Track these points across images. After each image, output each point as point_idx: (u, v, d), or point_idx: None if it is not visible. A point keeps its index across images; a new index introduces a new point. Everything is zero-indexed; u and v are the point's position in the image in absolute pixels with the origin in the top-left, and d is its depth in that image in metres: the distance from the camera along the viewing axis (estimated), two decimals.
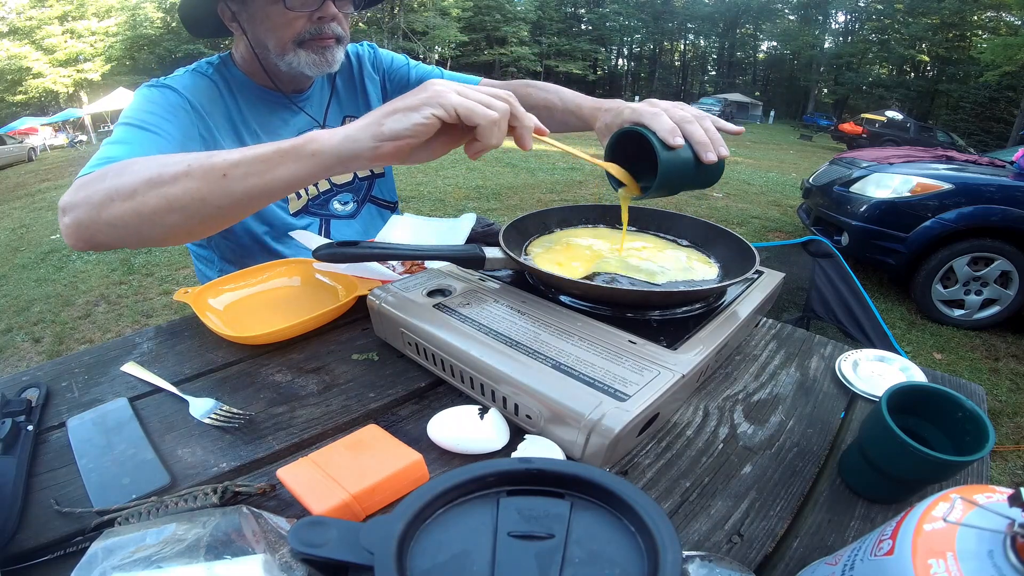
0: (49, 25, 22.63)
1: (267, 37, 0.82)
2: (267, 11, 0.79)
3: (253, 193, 0.55)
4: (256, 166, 0.54)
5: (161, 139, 0.72)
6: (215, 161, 0.55)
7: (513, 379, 0.47)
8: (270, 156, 0.54)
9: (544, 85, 0.95)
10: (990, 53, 18.05)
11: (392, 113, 0.51)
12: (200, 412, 0.52)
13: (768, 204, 5.94)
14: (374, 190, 1.08)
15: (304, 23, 0.80)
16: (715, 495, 0.45)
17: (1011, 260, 2.91)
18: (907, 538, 0.26)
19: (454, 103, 0.49)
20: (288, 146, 0.53)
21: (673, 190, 0.64)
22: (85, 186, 0.59)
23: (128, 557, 0.30)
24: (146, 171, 0.56)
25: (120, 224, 0.57)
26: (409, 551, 0.26)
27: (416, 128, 0.49)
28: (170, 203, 0.55)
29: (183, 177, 0.55)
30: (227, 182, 0.54)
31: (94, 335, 2.79)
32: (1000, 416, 2.25)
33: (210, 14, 0.84)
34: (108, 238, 0.59)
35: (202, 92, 0.84)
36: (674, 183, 0.62)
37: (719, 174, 0.65)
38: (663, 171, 0.59)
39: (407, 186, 5.92)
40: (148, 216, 0.56)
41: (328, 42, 0.83)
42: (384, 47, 1.09)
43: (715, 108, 24.63)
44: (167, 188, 0.55)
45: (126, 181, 0.56)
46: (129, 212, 0.56)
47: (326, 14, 0.81)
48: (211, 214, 0.56)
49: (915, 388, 0.45)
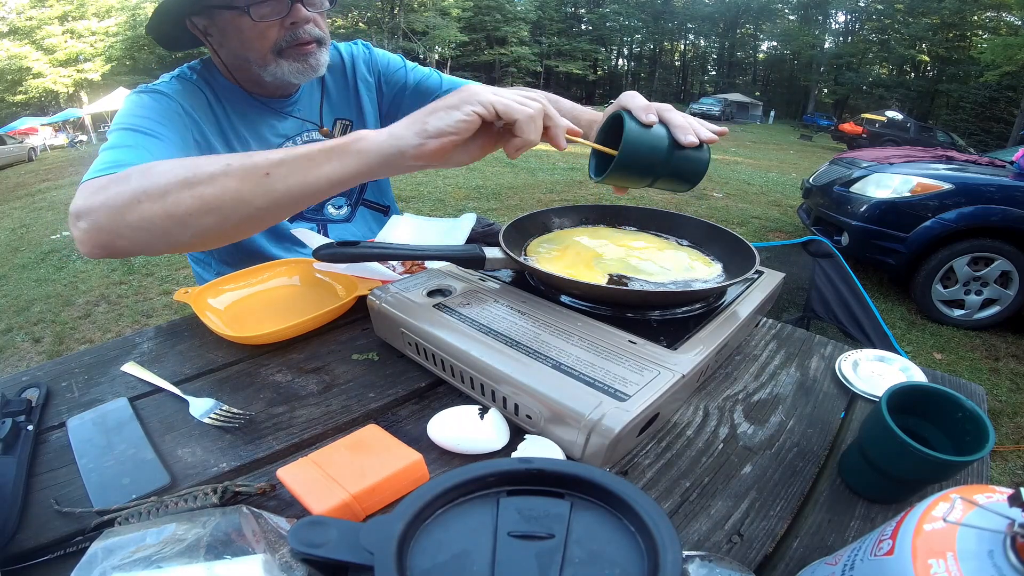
0: (49, 25, 22.62)
1: (244, 50, 0.79)
2: (236, 24, 0.76)
3: (295, 193, 0.54)
4: (300, 163, 0.53)
5: (163, 143, 0.70)
6: (256, 160, 0.54)
7: (513, 379, 0.47)
8: (315, 155, 0.53)
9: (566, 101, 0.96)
10: (990, 53, 18.05)
11: (434, 112, 0.52)
12: (200, 412, 0.52)
13: (768, 204, 5.94)
14: (366, 193, 1.06)
15: (278, 31, 0.77)
16: (715, 495, 0.45)
17: (1011, 260, 2.91)
18: (907, 538, 0.26)
19: (492, 101, 0.51)
20: (333, 144, 0.53)
21: (644, 172, 0.60)
22: (103, 189, 0.56)
23: (128, 557, 0.30)
24: (180, 170, 0.54)
25: (148, 227, 0.54)
26: (409, 551, 0.26)
27: (459, 124, 0.51)
28: (206, 203, 0.53)
29: (221, 176, 0.53)
30: (270, 181, 0.53)
31: (94, 335, 2.79)
32: (1000, 416, 2.25)
33: (182, 29, 0.81)
34: (130, 243, 0.56)
35: (192, 97, 0.82)
36: (642, 160, 0.59)
37: (702, 168, 0.62)
38: (626, 141, 0.57)
39: (407, 186, 5.92)
40: (181, 218, 0.54)
41: (308, 48, 0.80)
42: (384, 47, 1.07)
43: (715, 108, 24.65)
44: (203, 188, 0.53)
45: (156, 181, 0.54)
46: (160, 214, 0.53)
47: (298, 18, 0.77)
48: (249, 215, 0.55)
49: (915, 388, 0.45)
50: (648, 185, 0.63)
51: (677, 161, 0.60)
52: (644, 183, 0.63)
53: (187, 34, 0.82)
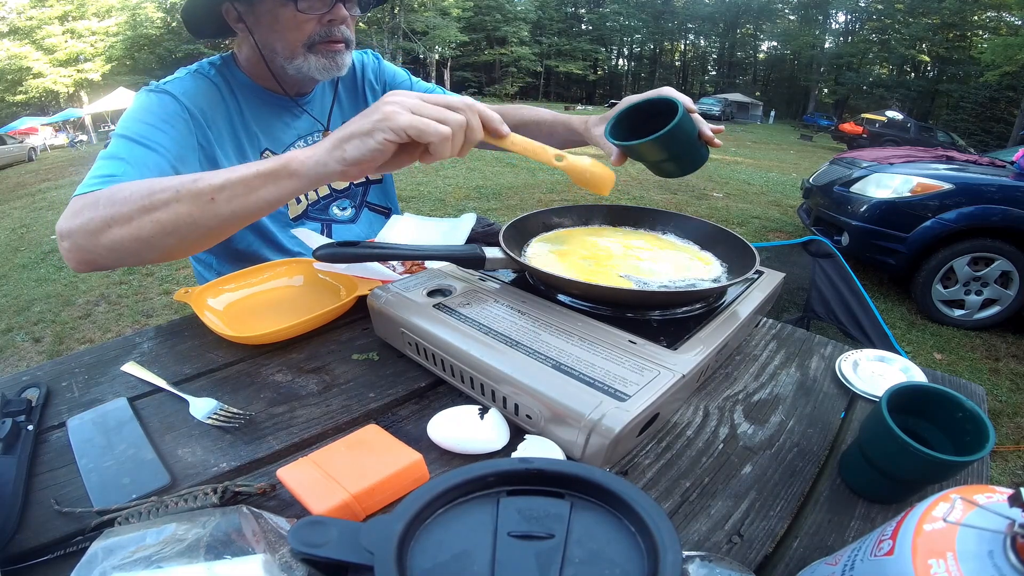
0: (49, 25, 22.63)
1: (276, 40, 0.81)
2: (276, 13, 0.79)
3: (239, 214, 0.59)
4: (239, 188, 0.58)
5: (157, 154, 0.72)
6: (201, 186, 0.58)
7: (513, 379, 0.47)
8: (251, 180, 0.57)
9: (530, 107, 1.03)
10: (990, 53, 18.06)
11: (350, 139, 0.54)
12: (200, 412, 0.52)
13: (768, 204, 5.94)
14: (369, 196, 1.09)
15: (314, 26, 0.80)
16: (715, 495, 0.45)
17: (1011, 260, 2.91)
18: (907, 538, 0.26)
19: (403, 125, 0.52)
20: (268, 169, 0.57)
21: (673, 150, 0.69)
22: (79, 213, 0.61)
23: (128, 557, 0.30)
24: (138, 198, 0.59)
25: (120, 248, 0.60)
26: (409, 551, 0.26)
27: (374, 153, 0.53)
28: (164, 227, 0.59)
29: (173, 203, 0.58)
30: (215, 205, 0.58)
31: (94, 335, 2.79)
32: (1000, 416, 2.25)
33: (214, 15, 0.83)
34: (109, 261, 0.62)
35: (202, 96, 0.83)
36: (681, 141, 0.67)
37: (704, 160, 0.72)
38: (681, 120, 0.64)
39: (407, 186, 5.92)
40: (147, 240, 0.59)
41: (338, 46, 0.83)
42: (384, 47, 1.10)
43: (715, 108, 24.64)
44: (159, 213, 0.58)
45: (120, 209, 0.59)
46: (128, 237, 0.59)
47: (337, 17, 0.80)
48: (203, 235, 0.61)
49: (915, 388, 0.45)
50: (653, 163, 0.71)
51: (696, 149, 0.70)
52: (658, 159, 0.70)
53: (217, 20, 0.84)
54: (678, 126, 0.64)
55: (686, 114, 0.65)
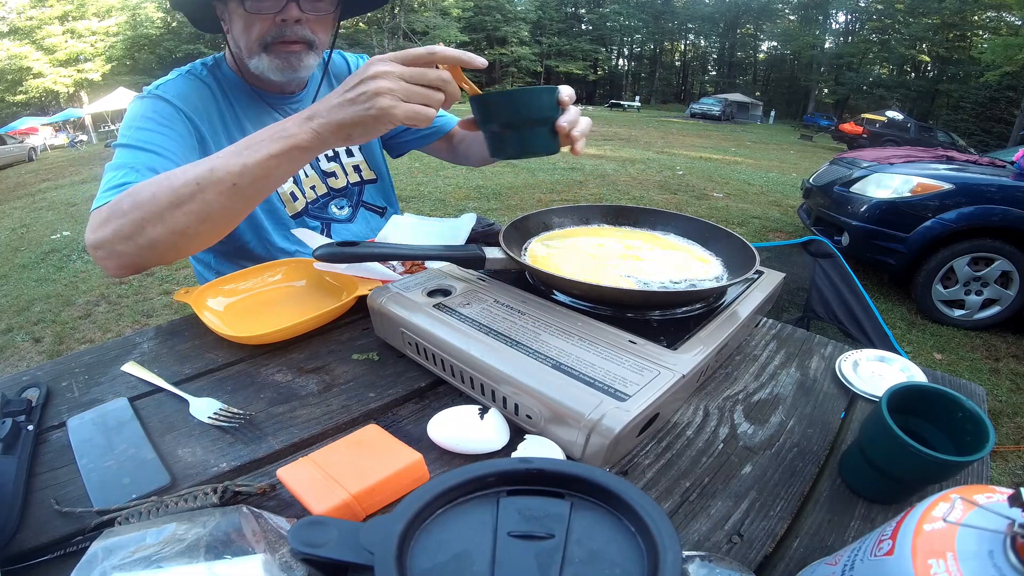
0: (49, 25, 22.64)
1: (240, 38, 0.82)
2: (235, 12, 0.79)
3: (263, 191, 0.64)
4: (258, 171, 0.60)
5: (162, 158, 0.74)
6: (220, 175, 0.60)
7: (513, 379, 0.47)
8: (266, 161, 0.60)
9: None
10: (990, 53, 18.05)
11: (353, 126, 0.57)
12: (200, 412, 0.52)
13: (768, 204, 5.94)
14: (364, 195, 1.09)
15: (267, 26, 0.79)
16: (715, 495, 0.45)
17: (1011, 260, 2.91)
18: (907, 538, 0.26)
19: (400, 118, 0.56)
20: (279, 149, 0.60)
21: (512, 124, 0.63)
22: (106, 223, 0.64)
23: (128, 557, 0.30)
24: (163, 196, 0.61)
25: (159, 245, 0.63)
26: (409, 551, 0.26)
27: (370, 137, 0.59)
28: (198, 216, 0.62)
29: (199, 194, 0.61)
30: (238, 189, 0.61)
31: (94, 335, 2.79)
32: (1000, 416, 2.25)
33: (209, 12, 0.84)
34: (149, 260, 0.66)
35: (195, 96, 0.83)
36: (521, 114, 0.62)
37: (545, 150, 0.64)
38: (531, 92, 0.61)
39: (407, 186, 5.92)
40: (183, 231, 0.63)
41: (294, 47, 0.81)
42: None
43: (715, 108, 24.64)
44: (190, 206, 0.61)
45: (150, 210, 0.62)
46: (165, 232, 0.62)
47: (288, 16, 0.79)
48: (234, 216, 0.65)
49: (915, 388, 0.45)
50: (495, 130, 0.65)
51: (539, 130, 0.62)
52: (500, 122, 0.64)
53: (212, 16, 0.85)
54: (528, 92, 0.60)
55: (548, 91, 0.60)
